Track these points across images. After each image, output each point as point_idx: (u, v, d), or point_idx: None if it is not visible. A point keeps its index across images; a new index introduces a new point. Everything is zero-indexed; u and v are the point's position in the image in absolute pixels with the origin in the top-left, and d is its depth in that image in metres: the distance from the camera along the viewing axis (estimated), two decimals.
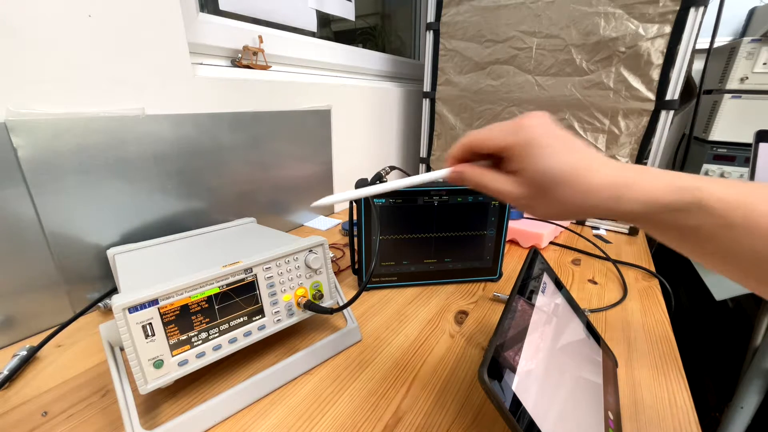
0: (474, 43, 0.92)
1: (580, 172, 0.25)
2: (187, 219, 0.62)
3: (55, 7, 0.44)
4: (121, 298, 0.31)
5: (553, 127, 0.27)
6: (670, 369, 0.44)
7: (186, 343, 0.35)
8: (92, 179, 0.50)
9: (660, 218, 0.25)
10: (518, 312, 0.31)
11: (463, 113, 1.00)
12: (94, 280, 0.53)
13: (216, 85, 0.64)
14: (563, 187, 0.25)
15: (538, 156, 0.26)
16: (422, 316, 0.54)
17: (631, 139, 0.79)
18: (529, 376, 0.29)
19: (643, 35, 0.72)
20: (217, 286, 0.37)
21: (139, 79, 0.53)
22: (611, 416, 0.35)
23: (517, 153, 0.27)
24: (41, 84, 0.45)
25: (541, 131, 0.26)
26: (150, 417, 0.36)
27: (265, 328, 0.41)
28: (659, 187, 0.24)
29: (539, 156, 0.26)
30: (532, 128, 0.26)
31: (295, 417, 0.37)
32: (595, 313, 0.54)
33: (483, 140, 0.29)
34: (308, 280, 0.44)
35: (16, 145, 0.43)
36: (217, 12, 0.71)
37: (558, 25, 0.81)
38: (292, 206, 0.84)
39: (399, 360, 0.45)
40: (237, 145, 0.67)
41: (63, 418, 0.36)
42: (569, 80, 0.82)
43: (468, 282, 0.64)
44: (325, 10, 0.95)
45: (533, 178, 0.26)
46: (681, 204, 0.23)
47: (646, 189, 0.24)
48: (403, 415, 0.37)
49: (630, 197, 0.25)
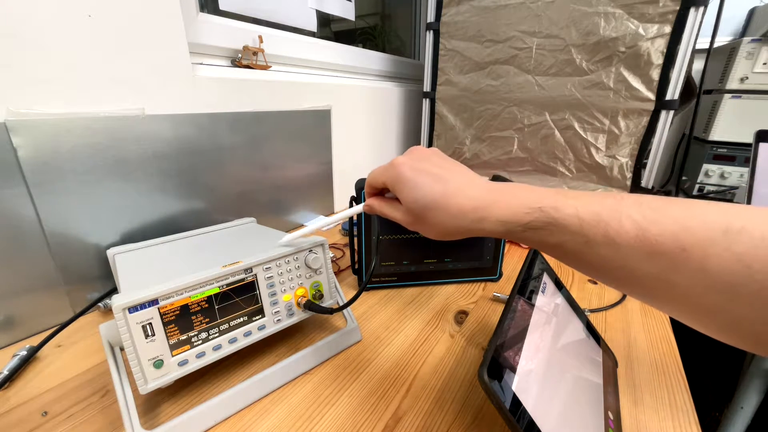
0: (474, 43, 0.92)
1: (448, 198, 0.28)
2: (187, 219, 0.62)
3: (55, 7, 0.44)
4: (121, 298, 0.31)
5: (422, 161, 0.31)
6: (670, 369, 0.44)
7: (186, 343, 0.35)
8: (92, 179, 0.50)
9: (521, 236, 0.27)
10: (518, 312, 0.31)
11: (463, 113, 1.00)
12: (94, 280, 0.53)
13: (216, 85, 0.64)
14: (434, 212, 0.29)
15: (407, 189, 0.30)
16: (422, 316, 0.54)
17: (631, 139, 0.79)
18: (529, 376, 0.29)
19: (643, 35, 0.72)
20: (217, 286, 0.37)
21: (139, 79, 0.53)
22: (611, 416, 0.35)
23: (392, 188, 0.32)
24: (41, 84, 0.45)
25: (407, 168, 0.30)
26: (150, 417, 0.36)
27: (265, 328, 0.41)
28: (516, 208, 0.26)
29: (407, 189, 0.30)
30: (399, 165, 0.31)
31: (295, 417, 0.37)
32: (595, 313, 0.54)
33: (374, 179, 0.34)
34: (308, 280, 0.44)
35: (16, 145, 0.43)
36: (217, 12, 0.71)
37: (558, 25, 0.81)
38: (292, 206, 0.84)
39: (399, 360, 0.45)
40: (237, 145, 0.67)
41: (63, 418, 0.36)
42: (569, 80, 0.82)
43: (468, 282, 0.64)
44: (325, 10, 0.95)
45: (408, 207, 0.30)
46: (537, 223, 0.25)
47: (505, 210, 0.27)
48: (403, 415, 0.37)
49: (491, 218, 0.27)
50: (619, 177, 0.82)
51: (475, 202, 0.28)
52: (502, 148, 0.96)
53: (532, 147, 0.91)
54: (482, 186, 0.29)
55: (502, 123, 0.94)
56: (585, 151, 0.84)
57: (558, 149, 0.87)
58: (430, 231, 0.31)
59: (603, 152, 0.82)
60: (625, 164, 0.81)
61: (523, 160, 0.93)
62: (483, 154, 0.99)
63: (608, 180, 0.83)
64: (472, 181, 0.29)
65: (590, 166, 0.85)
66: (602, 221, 0.22)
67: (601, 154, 0.83)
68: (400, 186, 0.30)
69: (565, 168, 0.88)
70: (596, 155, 0.83)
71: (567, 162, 0.88)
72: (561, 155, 0.88)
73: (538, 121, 0.88)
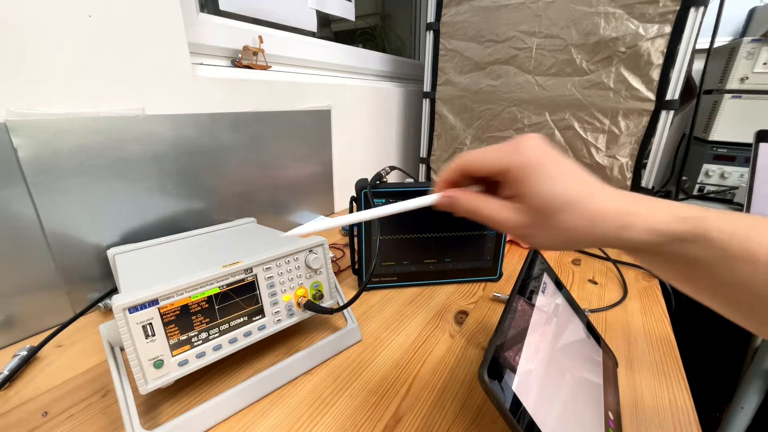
0: (474, 43, 0.92)
1: (584, 198, 0.23)
2: (187, 219, 0.62)
3: (55, 7, 0.44)
4: (122, 298, 0.31)
5: (552, 150, 0.25)
6: (670, 369, 0.44)
7: (186, 343, 0.35)
8: (92, 179, 0.50)
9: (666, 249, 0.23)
10: (518, 312, 0.31)
11: (463, 113, 1.00)
12: (94, 280, 0.53)
13: (216, 85, 0.64)
14: (568, 214, 0.23)
15: (539, 180, 0.24)
16: (422, 316, 0.54)
17: (631, 139, 0.79)
18: (529, 376, 0.29)
19: (643, 35, 0.72)
20: (217, 286, 0.37)
21: (139, 79, 0.53)
22: (611, 416, 0.35)
23: (515, 177, 0.24)
24: (41, 84, 0.45)
25: (540, 153, 0.24)
26: (150, 417, 0.36)
27: (265, 328, 0.41)
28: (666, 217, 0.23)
29: (540, 180, 0.24)
30: (531, 149, 0.24)
31: (295, 417, 0.37)
32: (595, 313, 0.54)
33: (477, 162, 0.26)
34: (308, 280, 0.44)
35: (16, 145, 0.43)
36: (217, 12, 0.71)
37: (558, 25, 0.81)
38: (292, 206, 0.84)
39: (399, 360, 0.45)
40: (237, 145, 0.67)
41: (63, 418, 0.36)
42: (569, 80, 0.82)
43: (468, 282, 0.64)
44: (325, 10, 0.95)
45: (535, 204, 0.24)
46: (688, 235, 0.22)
47: (654, 218, 0.23)
48: (403, 415, 0.37)
49: (639, 226, 0.23)
50: (619, 177, 0.82)
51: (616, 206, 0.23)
52: None
53: None
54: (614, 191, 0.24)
55: (502, 123, 0.94)
56: (585, 151, 0.84)
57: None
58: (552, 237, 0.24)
59: (603, 152, 0.82)
60: (626, 164, 0.81)
61: None
62: None
63: (608, 180, 0.83)
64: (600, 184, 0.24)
65: (590, 166, 0.85)
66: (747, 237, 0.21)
67: (602, 154, 0.83)
68: (533, 176, 0.24)
69: None
70: (596, 155, 0.83)
71: None
72: None
73: (538, 121, 0.88)
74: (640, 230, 0.23)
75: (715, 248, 0.22)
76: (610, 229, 0.23)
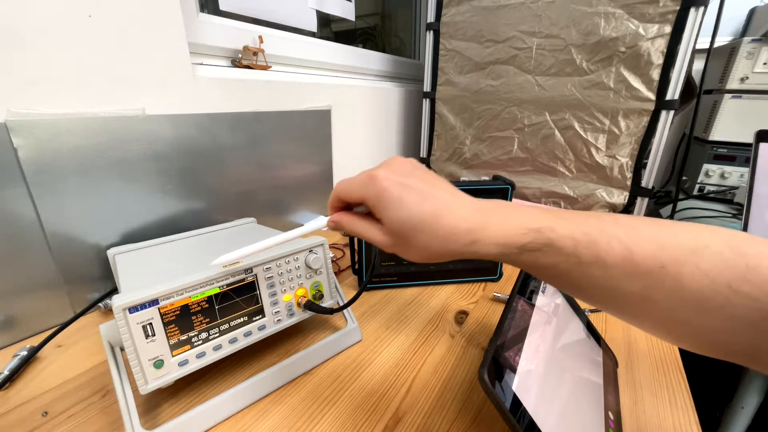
0: (474, 43, 0.92)
1: (438, 218, 0.25)
2: (187, 219, 0.62)
3: (55, 7, 0.44)
4: (122, 299, 0.31)
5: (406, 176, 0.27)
6: (671, 369, 0.44)
7: (186, 344, 0.35)
8: (92, 179, 0.50)
9: (517, 258, 0.25)
10: (518, 312, 0.31)
11: (463, 113, 1.00)
12: (94, 280, 0.53)
13: (216, 85, 0.64)
14: (421, 234, 0.26)
15: (389, 207, 0.26)
16: (422, 316, 0.54)
17: (632, 139, 0.79)
18: (530, 376, 0.29)
19: (643, 35, 0.72)
20: (218, 287, 0.37)
21: (139, 79, 0.53)
22: (611, 416, 0.34)
23: (372, 205, 0.27)
24: (41, 84, 0.45)
25: (390, 183, 0.26)
26: (150, 417, 0.36)
27: (265, 328, 0.41)
28: (515, 230, 0.24)
29: (390, 207, 0.26)
30: (382, 180, 0.27)
31: (295, 417, 0.37)
32: (596, 314, 0.54)
33: (345, 193, 0.30)
34: (308, 280, 0.44)
35: (17, 145, 0.43)
36: (217, 12, 0.71)
37: (558, 25, 0.81)
38: (292, 206, 0.84)
39: (399, 360, 0.45)
40: (237, 145, 0.67)
41: (63, 418, 0.36)
42: (569, 80, 0.82)
43: (468, 282, 0.64)
44: (325, 10, 0.95)
45: (392, 228, 0.27)
46: (535, 245, 0.24)
47: (503, 232, 0.25)
48: (403, 415, 0.37)
49: (486, 241, 0.25)
50: (619, 177, 0.82)
51: (467, 223, 0.25)
52: (503, 148, 0.96)
53: (532, 147, 0.91)
54: (471, 205, 0.26)
55: (502, 123, 0.94)
56: (585, 151, 0.84)
57: (558, 149, 0.87)
58: (414, 254, 0.27)
59: (603, 152, 0.82)
60: (625, 164, 0.81)
61: (523, 160, 0.93)
62: (483, 154, 0.99)
63: (608, 180, 0.83)
64: (460, 199, 0.27)
65: (590, 166, 0.85)
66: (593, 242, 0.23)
67: (602, 154, 0.83)
68: (384, 204, 0.26)
69: (565, 168, 0.88)
70: (596, 155, 0.83)
71: (567, 162, 0.88)
72: (561, 155, 0.88)
73: (538, 121, 0.88)
74: (488, 245, 0.25)
75: (564, 255, 0.23)
76: (462, 244, 0.25)
